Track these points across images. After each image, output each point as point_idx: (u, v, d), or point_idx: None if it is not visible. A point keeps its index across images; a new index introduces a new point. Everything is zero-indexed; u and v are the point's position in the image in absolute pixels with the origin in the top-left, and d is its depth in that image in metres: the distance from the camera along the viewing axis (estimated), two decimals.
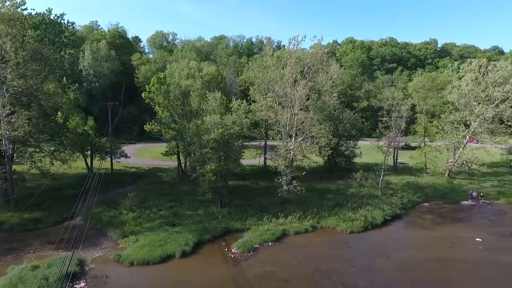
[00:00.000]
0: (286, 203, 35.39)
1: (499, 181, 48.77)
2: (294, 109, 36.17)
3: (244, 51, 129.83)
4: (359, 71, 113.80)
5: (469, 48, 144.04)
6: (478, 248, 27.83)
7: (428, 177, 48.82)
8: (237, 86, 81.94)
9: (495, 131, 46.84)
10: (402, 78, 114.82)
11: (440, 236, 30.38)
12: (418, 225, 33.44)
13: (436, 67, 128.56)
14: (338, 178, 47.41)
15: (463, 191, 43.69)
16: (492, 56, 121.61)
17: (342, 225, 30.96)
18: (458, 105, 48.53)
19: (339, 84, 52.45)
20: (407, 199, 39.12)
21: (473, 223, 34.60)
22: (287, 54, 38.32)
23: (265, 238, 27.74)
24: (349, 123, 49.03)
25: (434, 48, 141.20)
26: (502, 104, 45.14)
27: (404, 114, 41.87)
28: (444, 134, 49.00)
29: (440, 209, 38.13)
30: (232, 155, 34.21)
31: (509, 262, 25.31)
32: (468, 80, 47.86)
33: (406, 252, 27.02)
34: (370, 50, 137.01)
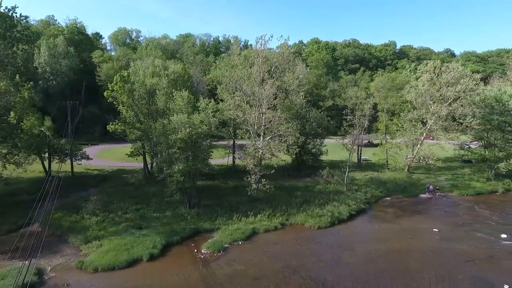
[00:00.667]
0: (255, 201, 35.59)
1: (453, 175, 52.31)
2: (262, 108, 36.46)
3: (211, 50, 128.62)
4: (324, 71, 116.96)
5: (424, 51, 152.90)
6: (435, 238, 29.70)
7: (389, 173, 51.30)
8: (204, 85, 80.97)
9: (448, 128, 50.17)
10: (364, 78, 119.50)
11: (401, 228, 32.04)
12: (380, 219, 35.04)
13: (395, 68, 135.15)
14: (306, 175, 48.43)
15: (421, 185, 46.35)
16: (445, 58, 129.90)
17: (310, 221, 31.68)
18: (416, 104, 51.43)
19: (306, 84, 53.53)
20: (371, 194, 40.85)
21: (430, 214, 36.80)
22: (254, 53, 38.54)
23: (235, 237, 27.72)
24: (315, 122, 50.23)
25: (393, 50, 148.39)
26: (454, 103, 48.41)
27: (366, 112, 43.68)
28: (404, 131, 51.75)
29: (401, 203, 40.20)
30: (201, 155, 33.81)
31: (462, 250, 27.26)
32: (424, 80, 50.83)
33: (370, 245, 28.21)
34: (335, 51, 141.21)
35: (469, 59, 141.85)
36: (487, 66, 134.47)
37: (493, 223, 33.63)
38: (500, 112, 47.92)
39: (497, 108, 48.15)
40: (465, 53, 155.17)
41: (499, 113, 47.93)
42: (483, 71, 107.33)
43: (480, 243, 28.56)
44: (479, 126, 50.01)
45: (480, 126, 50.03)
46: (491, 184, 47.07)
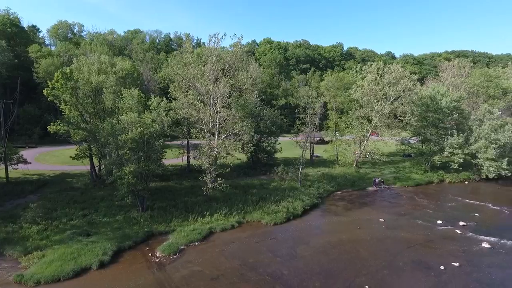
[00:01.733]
0: (211, 201, 35.29)
1: (395, 168, 56.51)
2: (216, 107, 36.22)
3: (162, 47, 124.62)
4: (277, 70, 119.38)
5: (368, 53, 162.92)
6: (381, 227, 31.88)
7: (340, 168, 53.96)
8: (155, 83, 78.28)
9: (391, 125, 54.10)
10: (315, 78, 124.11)
11: (351, 220, 33.89)
12: (332, 212, 36.71)
13: (343, 69, 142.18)
14: (261, 173, 49.10)
15: (368, 178, 49.41)
16: (387, 60, 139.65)
17: (267, 218, 32.22)
18: (362, 103, 54.67)
19: (259, 83, 54.32)
20: (323, 189, 42.63)
21: (376, 206, 39.38)
22: (208, 52, 38.14)
23: (191, 238, 27.26)
24: (269, 120, 51.11)
25: (341, 51, 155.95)
26: (395, 102, 52.33)
27: (317, 111, 45.48)
28: (352, 128, 54.81)
29: (350, 196, 42.51)
30: (153, 155, 32.63)
31: (404, 237, 29.61)
32: (369, 80, 54.22)
33: (323, 237, 29.48)
34: (286, 51, 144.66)
35: (408, 61, 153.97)
36: (422, 68, 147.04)
37: (430, 211, 36.98)
38: (434, 110, 52.75)
39: (431, 106, 52.93)
40: (404, 56, 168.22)
41: (433, 111, 52.76)
42: (419, 73, 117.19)
43: (419, 230, 31.25)
44: (417, 122, 54.76)
45: (418, 123, 54.79)
46: (428, 176, 51.68)
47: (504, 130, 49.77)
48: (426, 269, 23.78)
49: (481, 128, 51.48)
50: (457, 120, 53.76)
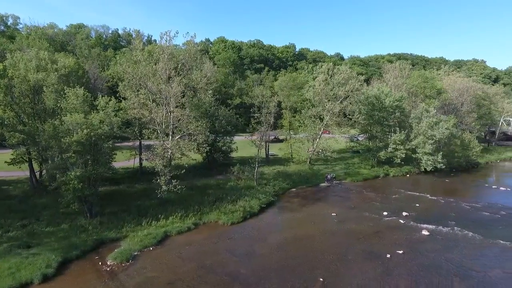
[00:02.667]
0: (166, 203, 34.29)
1: (345, 164, 59.50)
2: (169, 107, 35.23)
3: (110, 43, 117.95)
4: (231, 69, 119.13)
5: (319, 54, 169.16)
6: (334, 221, 33.43)
7: (294, 166, 55.47)
8: (103, 82, 73.88)
9: (341, 123, 56.88)
10: (269, 77, 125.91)
11: (306, 215, 35.07)
12: (288, 209, 37.65)
13: (296, 69, 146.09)
14: (217, 173, 48.77)
15: (321, 175, 51.43)
16: (336, 61, 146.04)
17: (224, 218, 32.10)
18: (314, 102, 56.76)
19: (214, 82, 53.66)
20: (279, 187, 43.52)
21: (329, 201, 41.15)
22: (159, 49, 36.88)
23: (145, 243, 26.26)
24: (224, 120, 50.91)
25: (293, 52, 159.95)
26: (344, 101, 55.08)
27: (272, 110, 46.25)
28: (305, 127, 56.64)
29: (305, 193, 43.93)
30: (102, 158, 30.84)
31: (355, 229, 31.32)
32: (320, 80, 56.43)
33: (280, 234, 30.17)
34: (241, 50, 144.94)
35: (355, 62, 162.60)
36: (368, 69, 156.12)
37: (377, 203, 39.53)
38: (379, 108, 56.41)
39: (377, 105, 56.54)
40: (351, 57, 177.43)
41: (378, 110, 56.41)
42: (365, 73, 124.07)
43: (368, 222, 33.27)
44: (364, 121, 58.22)
45: (365, 121, 58.27)
46: (374, 170, 55.18)
47: (439, 127, 54.80)
48: (374, 258, 25.40)
49: (420, 125, 56.24)
50: (399, 118, 58.07)
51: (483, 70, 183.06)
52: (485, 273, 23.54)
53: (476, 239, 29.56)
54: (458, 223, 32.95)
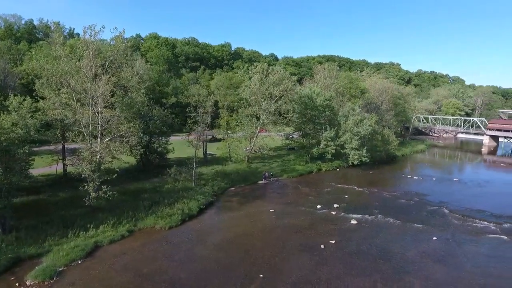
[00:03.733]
0: (96, 211, 31.78)
1: (282, 161, 61.72)
2: (97, 107, 32.63)
3: (23, 35, 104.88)
4: (166, 67, 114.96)
5: (254, 53, 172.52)
6: (272, 217, 34.47)
7: (232, 165, 55.78)
8: (15, 79, 65.46)
9: (276, 122, 58.79)
10: (205, 76, 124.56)
11: (245, 213, 35.54)
12: (227, 208, 37.75)
13: (232, 68, 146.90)
14: (153, 176, 46.74)
15: (259, 172, 52.57)
16: (270, 61, 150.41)
17: (161, 222, 30.90)
18: (250, 101, 57.69)
19: (147, 80, 51.29)
20: (217, 187, 43.35)
21: (267, 198, 42.29)
22: (83, 45, 33.89)
23: (72, 256, 23.98)
24: (159, 120, 48.94)
25: (229, 51, 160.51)
26: (279, 100, 57.02)
27: (209, 109, 45.81)
28: (242, 126, 57.29)
29: (243, 191, 44.48)
30: (16, 165, 27.32)
31: (292, 224, 32.73)
32: (256, 80, 57.56)
33: (220, 234, 30.10)
34: (175, 48, 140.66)
35: (288, 63, 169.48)
36: (301, 69, 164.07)
37: (312, 197, 41.82)
38: (311, 107, 59.63)
39: (309, 104, 59.66)
40: (285, 58, 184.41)
41: (310, 109, 59.60)
42: (298, 74, 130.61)
43: (304, 216, 35.03)
44: (298, 119, 60.97)
45: (299, 119, 61.07)
46: (308, 166, 58.24)
47: (363, 124, 60.00)
48: (310, 249, 26.87)
49: (347, 123, 60.95)
50: (329, 116, 62.12)
51: (398, 72, 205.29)
52: (404, 254, 26.54)
53: (395, 224, 33.11)
54: (381, 211, 36.54)
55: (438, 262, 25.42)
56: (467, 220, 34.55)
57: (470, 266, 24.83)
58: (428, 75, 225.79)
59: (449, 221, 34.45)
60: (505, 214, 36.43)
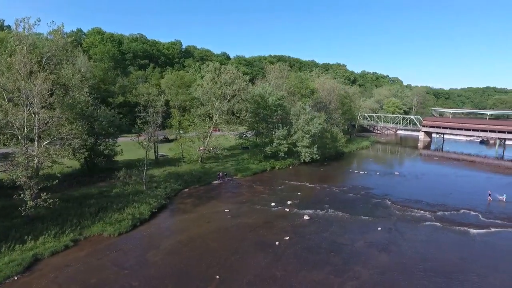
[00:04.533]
0: (35, 221, 29.12)
1: (236, 160, 61.84)
2: (33, 107, 29.87)
3: None
4: (111, 65, 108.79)
5: (206, 52, 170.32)
6: (227, 217, 34.39)
7: (186, 165, 54.60)
8: None
9: (230, 121, 58.70)
10: (155, 74, 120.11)
11: (200, 215, 35.01)
12: (181, 211, 36.87)
13: (183, 66, 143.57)
14: (100, 180, 44.08)
15: (213, 173, 52.11)
16: (223, 60, 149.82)
17: (109, 229, 29.25)
18: (203, 101, 56.94)
19: (90, 78, 48.01)
20: (170, 189, 42.16)
21: (222, 198, 42.06)
22: (15, 39, 30.80)
23: (7, 273, 21.73)
24: (105, 121, 46.27)
25: (180, 49, 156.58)
26: (232, 100, 57.03)
27: (159, 109, 44.41)
28: (195, 126, 56.31)
29: (198, 192, 43.78)
30: None
31: (247, 223, 32.97)
32: (208, 79, 56.94)
33: (174, 238, 29.30)
34: (121, 44, 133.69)
35: (240, 62, 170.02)
36: (253, 69, 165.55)
37: (266, 195, 42.49)
38: (263, 107, 60.57)
39: (261, 104, 60.54)
40: (237, 57, 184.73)
41: (263, 108, 60.54)
42: (250, 73, 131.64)
43: (258, 214, 35.48)
44: (251, 118, 61.57)
45: (252, 119, 61.71)
46: (262, 165, 59.06)
47: (313, 122, 62.33)
48: (265, 247, 27.30)
49: (298, 122, 62.87)
50: (281, 115, 63.59)
51: (344, 73, 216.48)
52: (352, 246, 28.14)
53: (345, 217, 34.95)
54: (331, 205, 38.32)
55: (383, 250, 27.36)
56: (406, 210, 37.62)
57: (410, 252, 27.10)
58: (371, 76, 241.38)
59: (391, 212, 37.22)
60: (438, 203, 40.31)
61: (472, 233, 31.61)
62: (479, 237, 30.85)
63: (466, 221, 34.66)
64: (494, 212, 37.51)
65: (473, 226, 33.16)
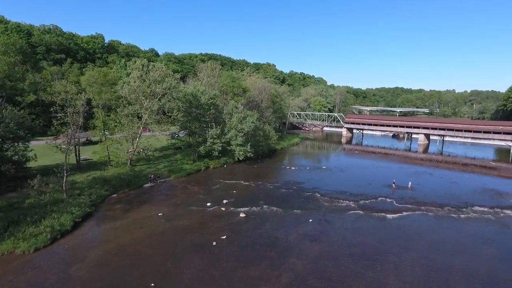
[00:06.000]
0: None
1: (169, 162, 59.69)
2: None
3: None
4: (19, 59, 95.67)
5: (132, 48, 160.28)
6: (161, 221, 33.05)
7: (113, 169, 50.82)
8: None
9: (161, 121, 56.33)
10: (73, 71, 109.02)
11: (131, 221, 32.98)
12: (110, 218, 34.26)
13: (106, 62, 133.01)
14: (9, 190, 38.59)
15: (144, 175, 49.52)
16: (151, 57, 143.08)
17: (23, 245, 25.88)
18: (130, 100, 53.58)
19: None
20: (96, 195, 38.94)
21: (155, 201, 40.23)
22: None
23: None
24: (13, 122, 40.54)
25: (102, 43, 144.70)
26: (163, 99, 54.81)
27: (80, 109, 40.65)
28: (122, 126, 52.66)
29: (127, 197, 41.19)
30: None
31: (182, 225, 32.15)
32: (135, 77, 53.76)
33: (102, 248, 27.14)
34: (31, 36, 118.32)
35: (170, 59, 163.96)
36: (183, 67, 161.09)
37: (201, 196, 41.90)
38: (196, 106, 59.46)
39: (194, 102, 59.34)
40: (166, 54, 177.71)
41: (195, 107, 59.41)
42: (181, 71, 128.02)
43: (194, 215, 34.84)
44: (183, 118, 59.89)
45: (184, 118, 60.06)
46: (196, 165, 58.06)
47: (246, 121, 63.31)
48: (202, 248, 26.96)
49: (231, 120, 63.26)
50: (214, 114, 63.21)
51: (274, 72, 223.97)
52: (287, 239, 29.40)
53: (279, 212, 36.32)
54: (265, 202, 39.44)
55: (314, 241, 29.14)
56: (334, 201, 40.63)
57: (338, 240, 29.37)
58: (299, 76, 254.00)
59: (321, 204, 39.82)
60: (361, 192, 44.39)
61: (389, 218, 35.57)
62: (394, 221, 34.86)
63: (384, 207, 38.84)
64: (405, 197, 42.70)
65: (389, 211, 37.33)
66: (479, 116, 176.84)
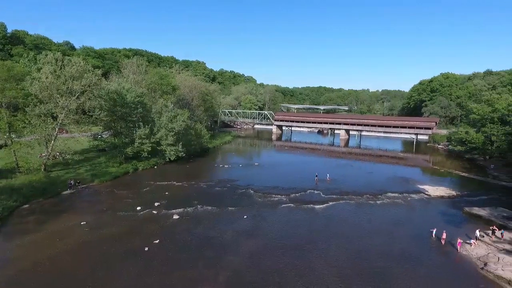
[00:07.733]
0: None
1: (91, 165, 54.78)
2: None
3: None
4: None
5: (43, 39, 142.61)
6: (85, 231, 30.23)
7: (23, 176, 44.65)
8: None
9: (80, 121, 51.31)
10: None
11: (47, 233, 29.44)
12: (21, 232, 29.96)
13: (10, 55, 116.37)
14: None
15: (62, 182, 44.64)
16: (66, 51, 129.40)
17: None
18: (42, 98, 47.73)
19: None
20: (2, 207, 33.86)
21: (76, 209, 36.57)
22: None
23: None
24: None
25: (4, 33, 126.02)
26: (82, 97, 50.01)
27: None
28: (33, 128, 46.47)
29: (43, 207, 36.73)
30: None
31: (110, 232, 29.86)
32: (47, 72, 48.01)
33: (12, 267, 23.63)
34: None
35: (89, 54, 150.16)
36: (105, 62, 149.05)
37: (130, 200, 39.45)
38: (121, 104, 55.61)
39: (119, 101, 55.40)
40: (84, 48, 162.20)
41: (120, 106, 55.55)
42: (103, 67, 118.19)
43: (123, 221, 32.66)
44: (107, 117, 55.54)
45: (108, 118, 55.75)
46: (123, 167, 54.41)
47: (177, 120, 61.48)
48: (134, 255, 25.47)
49: (161, 120, 60.82)
50: (142, 113, 59.87)
51: (204, 70, 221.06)
52: (222, 237, 29.47)
53: (213, 211, 36.17)
54: (199, 201, 38.89)
55: (250, 237, 29.75)
56: (267, 197, 41.98)
57: (272, 234, 30.47)
58: (229, 74, 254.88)
59: (254, 200, 40.78)
60: (291, 187, 46.65)
61: (317, 208, 38.13)
62: (321, 210, 37.52)
63: (312, 199, 41.50)
64: (330, 189, 46.17)
65: (317, 202, 40.02)
66: (389, 112, 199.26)
